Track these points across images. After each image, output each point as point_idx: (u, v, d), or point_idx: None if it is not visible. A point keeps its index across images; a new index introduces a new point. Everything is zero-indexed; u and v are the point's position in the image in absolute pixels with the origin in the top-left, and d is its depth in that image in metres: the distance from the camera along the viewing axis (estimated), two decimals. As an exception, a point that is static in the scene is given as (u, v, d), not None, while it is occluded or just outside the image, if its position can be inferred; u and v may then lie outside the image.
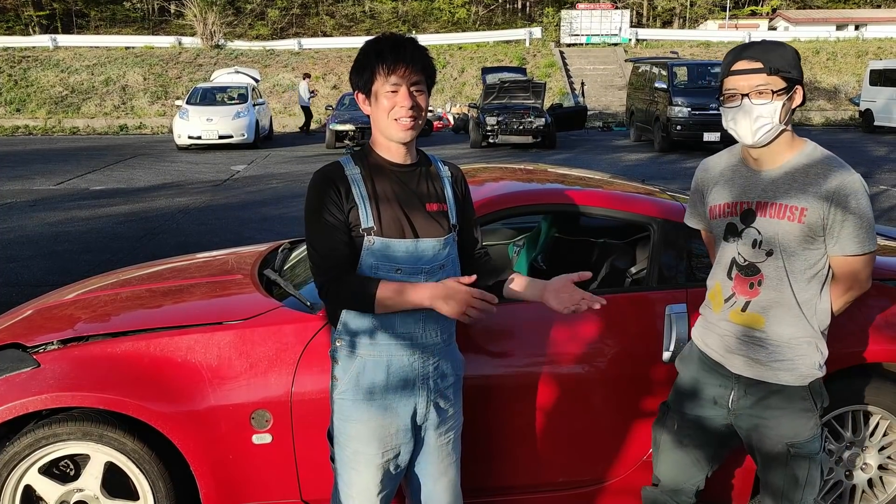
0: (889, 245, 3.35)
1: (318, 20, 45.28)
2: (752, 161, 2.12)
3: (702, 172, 2.28)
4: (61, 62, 28.47)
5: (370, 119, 2.03)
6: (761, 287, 2.09)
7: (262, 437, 2.50)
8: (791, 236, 2.02)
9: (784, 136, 2.06)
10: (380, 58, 1.94)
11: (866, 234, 2.00)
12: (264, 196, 11.12)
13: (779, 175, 2.06)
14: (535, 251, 3.59)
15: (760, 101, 1.99)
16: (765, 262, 2.07)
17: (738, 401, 2.17)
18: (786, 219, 2.02)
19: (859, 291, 2.10)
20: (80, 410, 2.53)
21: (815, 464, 2.14)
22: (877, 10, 44.24)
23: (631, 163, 14.58)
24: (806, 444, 2.12)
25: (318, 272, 1.98)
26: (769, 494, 2.22)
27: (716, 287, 2.21)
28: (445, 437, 2.12)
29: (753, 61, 2.00)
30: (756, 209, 2.07)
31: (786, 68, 1.99)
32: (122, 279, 3.32)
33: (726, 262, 2.16)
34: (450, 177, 2.13)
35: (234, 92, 19.33)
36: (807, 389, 2.12)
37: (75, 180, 12.97)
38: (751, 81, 2.00)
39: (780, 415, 2.12)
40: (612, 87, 27.19)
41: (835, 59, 28.99)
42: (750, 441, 2.20)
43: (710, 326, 2.23)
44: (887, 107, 19.92)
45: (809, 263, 2.05)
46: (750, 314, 2.11)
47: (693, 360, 2.28)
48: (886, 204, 9.69)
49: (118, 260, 7.16)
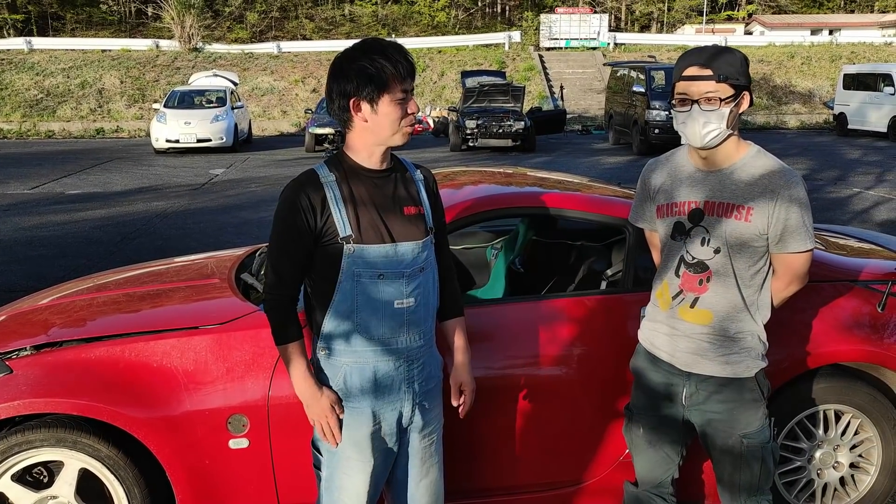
0: (862, 247, 3.40)
1: (297, 23, 45.14)
2: (700, 161, 2.18)
3: (649, 172, 2.33)
4: (36, 65, 28.13)
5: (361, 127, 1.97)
6: (709, 283, 2.15)
7: (239, 442, 2.49)
8: (738, 235, 2.09)
9: (731, 139, 2.13)
10: (395, 66, 1.91)
11: (807, 233, 2.09)
12: (243, 200, 11.06)
13: (726, 176, 2.13)
14: (512, 254, 3.61)
15: (709, 107, 2.05)
16: (713, 259, 2.13)
17: (690, 397, 2.23)
18: (733, 218, 2.09)
19: (799, 286, 2.19)
20: (54, 416, 2.51)
21: (767, 453, 2.21)
22: (850, 16, 44.95)
23: (610, 166, 14.68)
24: (757, 433, 2.19)
25: (268, 286, 2.03)
26: (726, 488, 2.27)
27: (663, 285, 2.26)
28: (429, 438, 2.14)
29: (703, 68, 2.06)
30: (704, 208, 2.14)
31: (734, 76, 2.05)
32: (99, 284, 3.29)
33: (674, 260, 2.21)
34: (423, 180, 2.14)
35: (212, 95, 19.21)
36: (753, 380, 2.19)
37: (50, 184, 12.82)
38: (700, 88, 2.06)
39: (732, 407, 2.18)
40: (591, 91, 27.35)
41: (809, 64, 29.38)
42: (704, 436, 2.26)
43: (656, 327, 2.28)
44: (860, 110, 20.23)
45: (754, 260, 2.13)
46: (699, 310, 2.17)
47: (644, 362, 2.33)
48: (859, 206, 9.84)
49: (94, 265, 7.08)
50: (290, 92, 27.67)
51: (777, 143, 19.14)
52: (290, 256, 1.99)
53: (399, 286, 1.99)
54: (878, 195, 10.78)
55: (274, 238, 2.00)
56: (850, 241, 3.53)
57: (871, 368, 2.95)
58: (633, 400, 2.38)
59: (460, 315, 2.24)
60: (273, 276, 2.02)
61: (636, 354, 2.38)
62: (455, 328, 2.23)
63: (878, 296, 2.81)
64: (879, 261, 3.08)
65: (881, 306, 2.79)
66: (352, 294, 1.97)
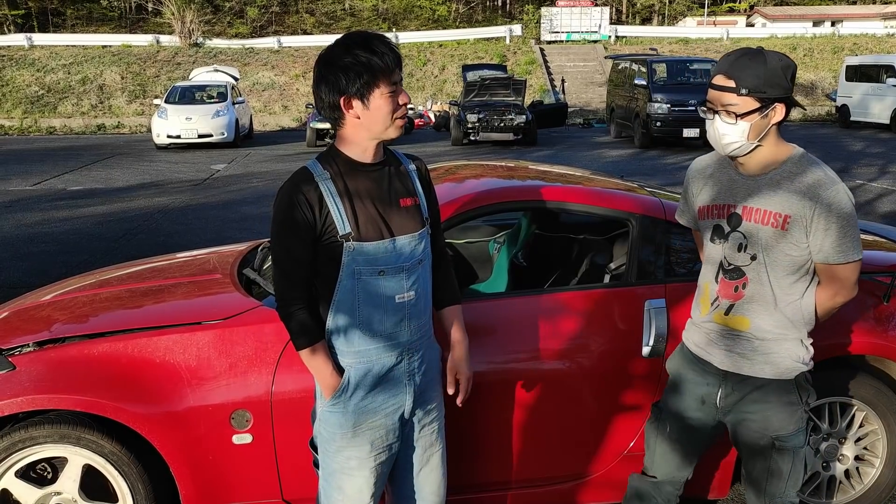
0: (865, 239, 3.39)
1: (297, 18, 45.04)
2: (739, 165, 2.12)
3: (692, 172, 2.28)
4: (37, 61, 28.10)
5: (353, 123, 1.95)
6: (745, 290, 2.09)
7: (243, 438, 2.49)
8: (774, 242, 2.03)
9: (767, 146, 2.04)
10: (381, 59, 1.88)
11: (851, 244, 1.99)
12: (244, 195, 11.05)
13: (764, 181, 2.06)
14: (515, 248, 3.60)
15: (727, 120, 1.99)
16: (749, 265, 2.08)
17: (725, 398, 2.18)
18: (769, 225, 2.02)
19: (846, 298, 2.10)
20: (57, 413, 2.50)
21: (798, 457, 2.15)
22: (852, 7, 44.75)
23: (611, 159, 14.65)
24: (791, 437, 2.13)
25: (279, 293, 1.98)
26: (752, 487, 2.23)
27: (703, 289, 2.22)
28: (430, 428, 2.13)
29: (728, 78, 1.99)
30: (742, 213, 2.08)
31: (760, 88, 1.95)
32: (101, 279, 3.29)
33: (714, 264, 2.17)
34: (416, 170, 2.12)
35: (213, 90, 19.16)
36: (792, 383, 2.13)
37: (52, 181, 12.82)
38: (722, 99, 2.00)
39: (766, 408, 2.13)
40: (593, 84, 27.28)
41: (811, 56, 29.30)
42: (736, 435, 2.22)
43: (697, 328, 2.25)
44: (863, 102, 20.15)
45: (793, 269, 2.05)
46: (734, 317, 2.13)
47: (681, 361, 2.29)
48: (863, 198, 9.82)
49: (96, 261, 7.08)
50: (291, 87, 27.63)
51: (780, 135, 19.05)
52: (295, 257, 1.93)
53: (399, 280, 1.98)
54: (882, 187, 10.76)
55: (276, 241, 1.95)
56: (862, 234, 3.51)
57: (876, 361, 2.94)
58: (666, 399, 2.33)
59: (457, 302, 2.21)
60: (283, 282, 1.95)
61: (674, 354, 2.34)
62: (453, 317, 2.19)
63: (883, 288, 2.80)
64: (884, 253, 3.07)
65: (886, 298, 2.78)
66: (353, 292, 1.95)
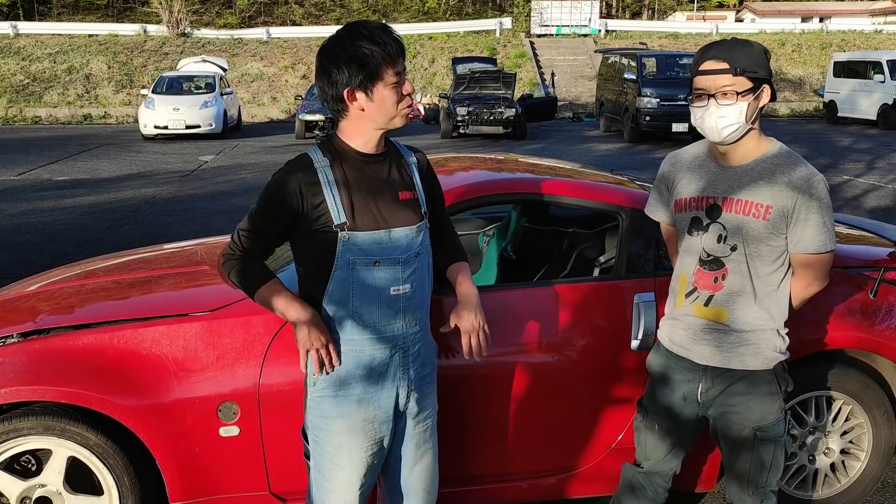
0: (853, 234, 3.40)
1: (286, 9, 44.75)
2: (719, 156, 2.14)
3: (669, 165, 2.29)
4: (22, 50, 27.77)
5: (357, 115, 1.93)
6: (724, 281, 2.11)
7: (230, 430, 2.47)
8: (755, 233, 2.05)
9: (752, 134, 2.08)
10: (384, 49, 1.87)
11: (827, 234, 2.04)
12: (232, 187, 10.99)
13: (745, 171, 2.09)
14: (505, 241, 3.59)
15: (726, 101, 2.01)
16: (729, 256, 2.10)
17: (706, 392, 2.19)
18: (751, 215, 2.05)
19: (819, 287, 2.15)
20: (42, 405, 2.48)
21: (779, 447, 2.19)
22: (840, 3, 44.96)
23: (601, 153, 14.67)
24: (772, 427, 2.16)
25: (232, 243, 2.03)
26: (735, 479, 2.25)
27: (679, 281, 2.23)
28: (423, 424, 2.12)
29: (720, 61, 2.01)
30: (722, 204, 2.10)
31: (752, 68, 2.00)
32: (87, 270, 3.26)
33: (692, 255, 2.17)
34: (416, 163, 2.11)
35: (201, 81, 19.04)
36: (771, 373, 2.16)
37: (38, 171, 12.70)
38: (717, 82, 2.01)
39: (748, 400, 2.15)
40: (582, 78, 27.28)
41: (800, 51, 29.40)
42: (717, 428, 2.23)
43: (673, 323, 2.26)
44: (850, 98, 20.26)
45: (771, 259, 2.09)
46: (713, 308, 2.14)
47: (660, 360, 2.31)
48: (850, 193, 9.87)
49: (82, 252, 7.02)
50: (280, 78, 27.46)
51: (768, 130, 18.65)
52: (258, 232, 2.00)
53: (395, 272, 1.97)
54: (869, 182, 10.82)
55: (252, 211, 2.00)
56: (842, 227, 3.53)
57: (862, 355, 2.96)
58: (648, 397, 2.34)
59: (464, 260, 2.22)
60: (234, 243, 2.02)
61: (653, 351, 2.35)
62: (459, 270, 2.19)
63: (870, 282, 2.82)
64: (870, 247, 3.09)
65: (873, 293, 2.80)
66: (347, 282, 1.95)
